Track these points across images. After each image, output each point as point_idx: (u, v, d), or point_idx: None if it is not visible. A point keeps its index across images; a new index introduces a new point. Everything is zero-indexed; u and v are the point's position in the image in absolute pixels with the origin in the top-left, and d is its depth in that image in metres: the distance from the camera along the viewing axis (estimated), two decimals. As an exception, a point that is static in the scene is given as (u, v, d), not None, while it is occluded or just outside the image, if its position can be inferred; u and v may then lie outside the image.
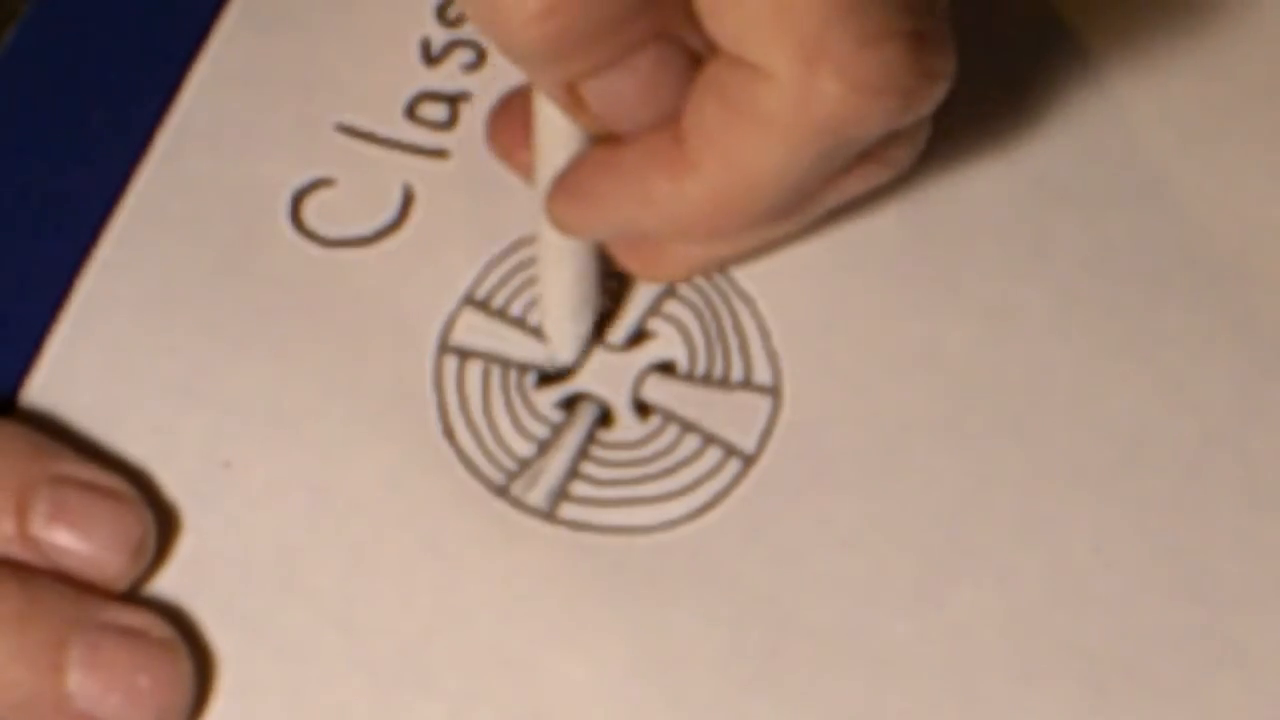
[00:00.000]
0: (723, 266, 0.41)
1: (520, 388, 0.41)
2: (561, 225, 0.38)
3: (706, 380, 0.41)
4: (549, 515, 0.39)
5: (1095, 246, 0.42)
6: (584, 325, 0.40)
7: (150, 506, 0.39)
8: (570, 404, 0.41)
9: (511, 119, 0.41)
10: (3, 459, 0.38)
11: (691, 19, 0.34)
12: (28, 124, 0.43)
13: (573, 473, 0.40)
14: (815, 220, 0.40)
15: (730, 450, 0.40)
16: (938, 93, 0.35)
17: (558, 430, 0.40)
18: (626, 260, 0.40)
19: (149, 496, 0.39)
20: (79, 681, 0.36)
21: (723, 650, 0.38)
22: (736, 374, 0.41)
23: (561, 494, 0.40)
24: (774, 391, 0.40)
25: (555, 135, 0.37)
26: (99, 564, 0.38)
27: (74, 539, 0.38)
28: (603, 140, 0.37)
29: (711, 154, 0.35)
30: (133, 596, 0.38)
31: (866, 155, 0.37)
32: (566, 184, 0.37)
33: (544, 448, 0.40)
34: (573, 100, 0.35)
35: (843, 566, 0.39)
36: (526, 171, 0.40)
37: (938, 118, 0.38)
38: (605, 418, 0.40)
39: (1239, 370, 0.40)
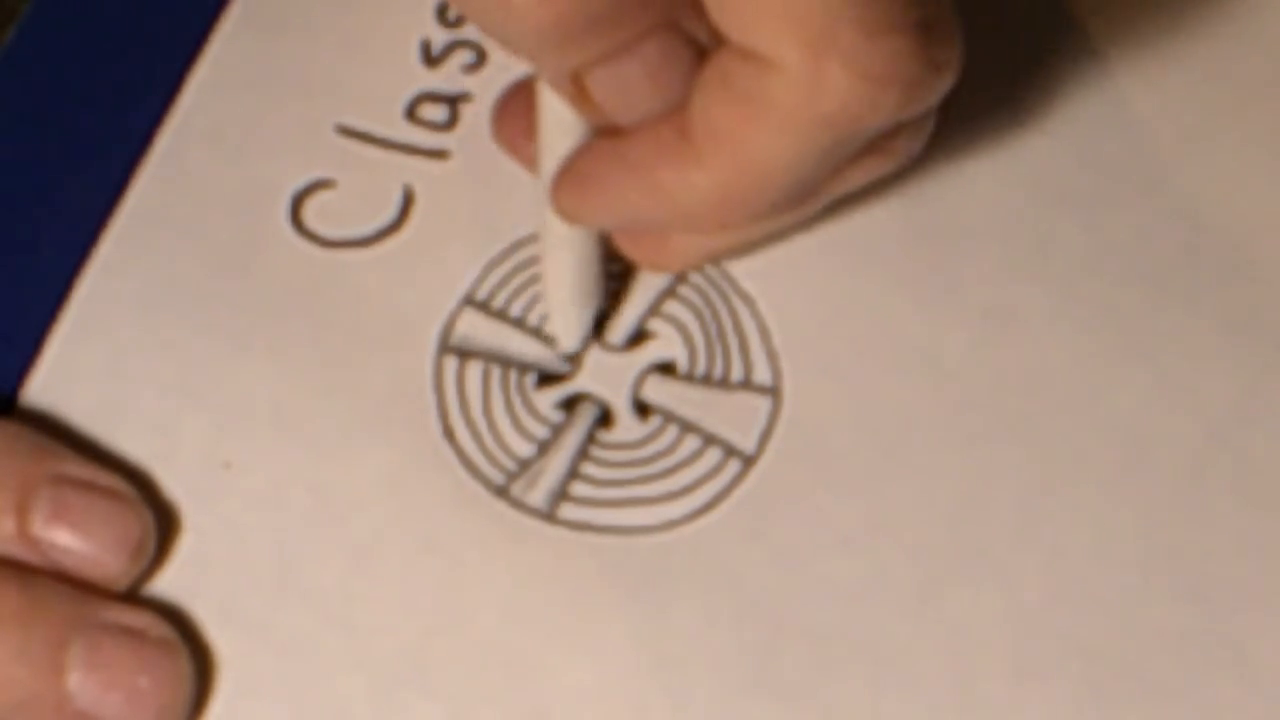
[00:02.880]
0: (727, 257, 0.41)
1: (520, 388, 0.41)
2: (566, 214, 0.38)
3: (706, 380, 0.41)
4: (549, 516, 0.39)
5: (1095, 246, 0.42)
6: (587, 314, 0.40)
7: (150, 506, 0.39)
8: (570, 404, 0.41)
9: (516, 111, 0.41)
10: (3, 459, 0.38)
11: (697, 9, 0.34)
12: (28, 124, 0.43)
13: (573, 473, 0.40)
14: (819, 211, 0.40)
15: (730, 450, 0.40)
16: (945, 84, 0.35)
17: (558, 431, 0.40)
18: (630, 250, 0.40)
19: (149, 496, 0.39)
20: (79, 681, 0.36)
21: (723, 650, 0.38)
22: (736, 374, 0.41)
23: (561, 494, 0.39)
24: (774, 392, 0.40)
25: (559, 126, 0.37)
26: (99, 563, 0.38)
27: (74, 539, 0.38)
28: (607, 130, 0.37)
29: (718, 146, 0.35)
30: (133, 596, 0.38)
31: (872, 146, 0.37)
32: (572, 172, 0.37)
33: (544, 448, 0.40)
34: (577, 91, 0.35)
35: (843, 566, 0.39)
36: (531, 164, 0.40)
37: (941, 116, 0.38)
38: (605, 418, 0.40)
39: (1239, 370, 0.40)
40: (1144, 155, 0.43)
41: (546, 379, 0.41)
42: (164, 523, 0.39)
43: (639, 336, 0.41)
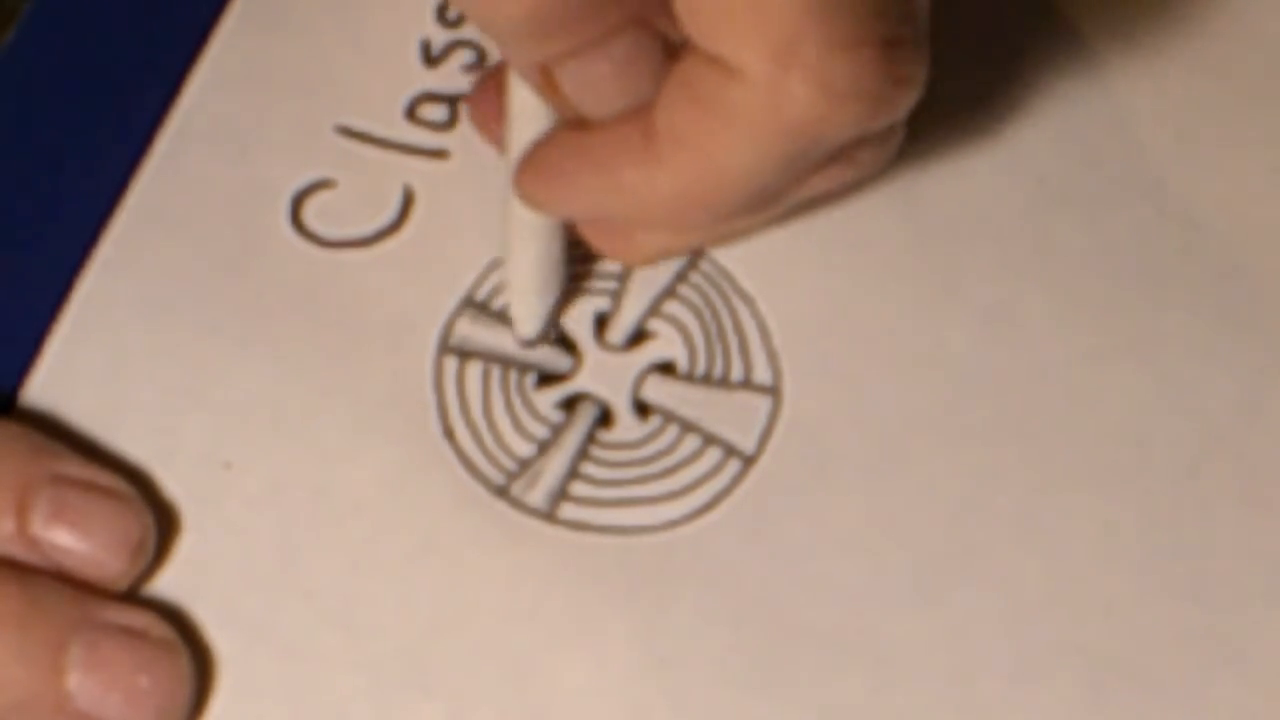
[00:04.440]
0: (691, 252, 0.41)
1: (520, 388, 0.41)
2: (528, 200, 0.38)
3: (707, 380, 0.41)
4: (549, 516, 0.39)
5: (1095, 246, 0.42)
6: (547, 302, 0.40)
7: (150, 507, 0.39)
8: (570, 404, 0.41)
9: (490, 92, 0.41)
10: (3, 459, 0.38)
11: (669, 10, 0.34)
12: (27, 124, 0.43)
13: (573, 473, 0.40)
14: (787, 213, 0.40)
15: (730, 450, 0.40)
16: (908, 100, 0.35)
17: (557, 430, 0.40)
18: (595, 241, 0.40)
19: (149, 497, 0.39)
20: (79, 681, 0.36)
21: (722, 650, 0.38)
22: (736, 374, 0.41)
23: (561, 494, 0.40)
24: (774, 391, 0.40)
25: (526, 113, 0.38)
26: (99, 563, 0.38)
27: (74, 539, 0.38)
28: (574, 122, 0.37)
29: (680, 149, 0.35)
30: (133, 596, 0.38)
31: (838, 155, 0.37)
32: (535, 160, 0.37)
33: (544, 448, 0.40)
34: (546, 82, 0.35)
35: (843, 566, 0.39)
36: (500, 145, 0.40)
37: (941, 117, 0.38)
38: (605, 418, 0.40)
39: (1239, 371, 0.40)
40: (1143, 155, 0.43)
41: (546, 379, 0.41)
42: (164, 523, 0.39)
43: (639, 336, 0.41)
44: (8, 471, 0.38)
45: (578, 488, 0.40)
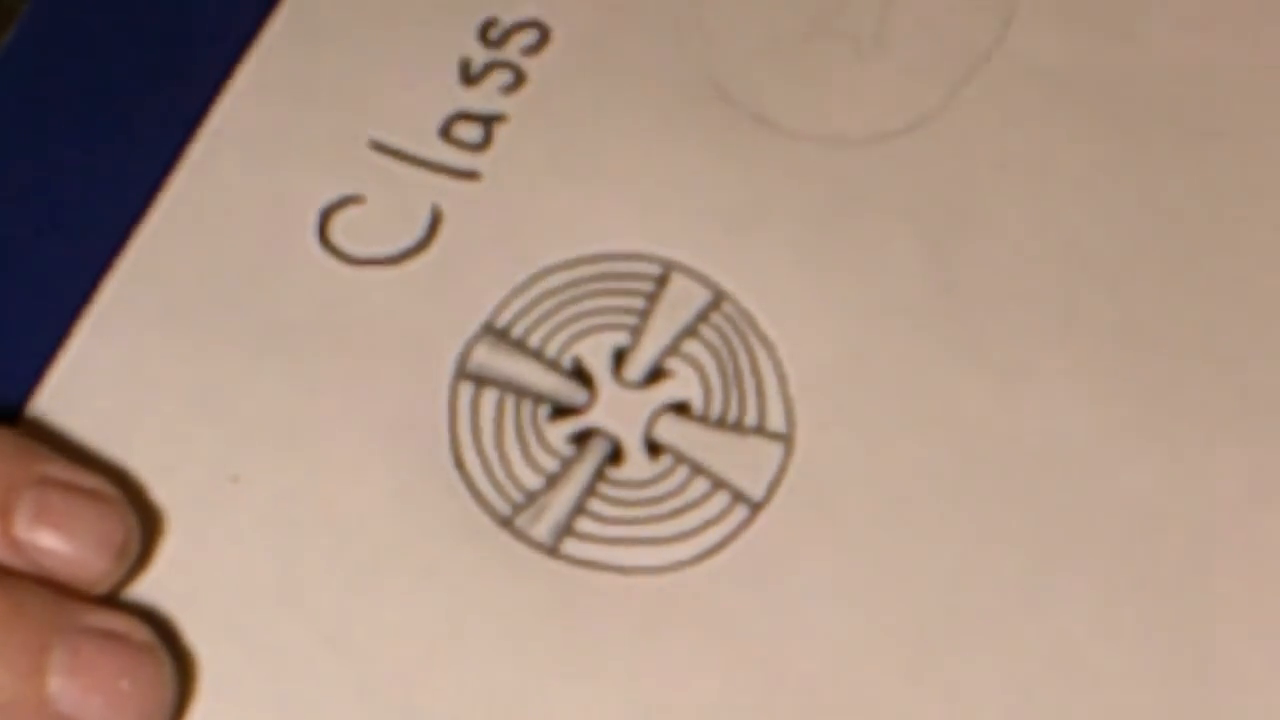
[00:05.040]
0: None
1: (534, 419, 0.41)
2: None
3: (720, 423, 0.41)
4: (552, 550, 0.39)
5: (1121, 317, 0.41)
6: None
7: (152, 513, 0.39)
8: (581, 439, 0.41)
9: None
10: None
11: None
12: (57, 125, 0.43)
13: (579, 509, 0.40)
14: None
15: (738, 496, 0.40)
16: None
17: (567, 464, 0.40)
18: None
19: (154, 506, 0.39)
20: (60, 685, 0.37)
21: (715, 698, 0.38)
22: (751, 419, 0.41)
23: (566, 529, 0.40)
24: (786, 439, 0.40)
25: None
26: (83, 564, 0.38)
27: (57, 540, 0.38)
28: None
29: None
30: (121, 602, 0.39)
31: None
32: None
33: (552, 481, 0.40)
34: None
35: (841, 621, 0.39)
36: None
37: (977, 176, 0.37)
38: (615, 455, 0.40)
39: (1253, 456, 0.40)
40: (1173, 232, 0.42)
41: (561, 411, 0.41)
42: (165, 530, 0.39)
43: (656, 374, 0.41)
44: None
45: (583, 524, 0.40)
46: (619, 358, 0.41)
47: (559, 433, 0.41)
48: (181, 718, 0.38)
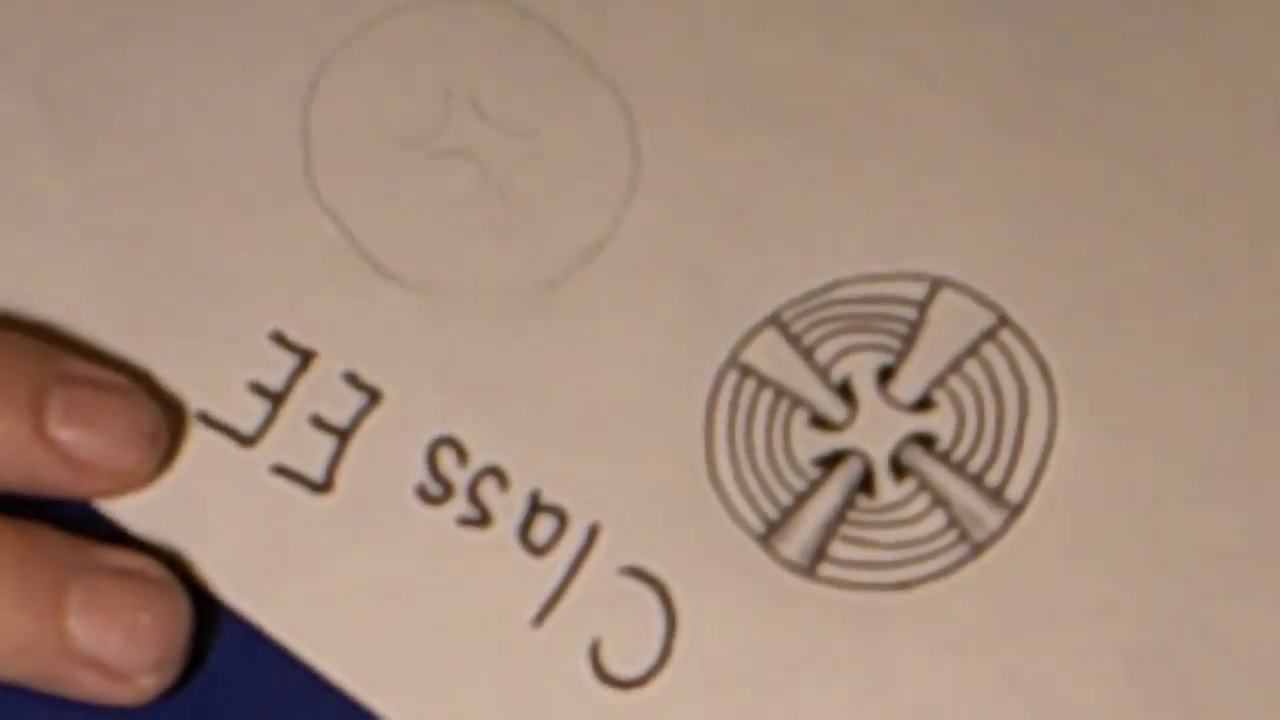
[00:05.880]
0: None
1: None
2: None
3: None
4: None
5: None
6: None
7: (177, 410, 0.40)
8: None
9: None
10: (12, 365, 0.39)
11: None
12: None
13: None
14: None
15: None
16: None
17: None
18: None
19: (173, 400, 0.40)
20: (79, 624, 0.37)
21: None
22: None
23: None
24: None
25: None
26: (120, 457, 0.38)
27: (92, 434, 0.38)
28: None
29: None
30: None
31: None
32: None
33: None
34: None
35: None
36: None
37: None
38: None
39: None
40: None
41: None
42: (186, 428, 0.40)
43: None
44: (18, 377, 0.38)
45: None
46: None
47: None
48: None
